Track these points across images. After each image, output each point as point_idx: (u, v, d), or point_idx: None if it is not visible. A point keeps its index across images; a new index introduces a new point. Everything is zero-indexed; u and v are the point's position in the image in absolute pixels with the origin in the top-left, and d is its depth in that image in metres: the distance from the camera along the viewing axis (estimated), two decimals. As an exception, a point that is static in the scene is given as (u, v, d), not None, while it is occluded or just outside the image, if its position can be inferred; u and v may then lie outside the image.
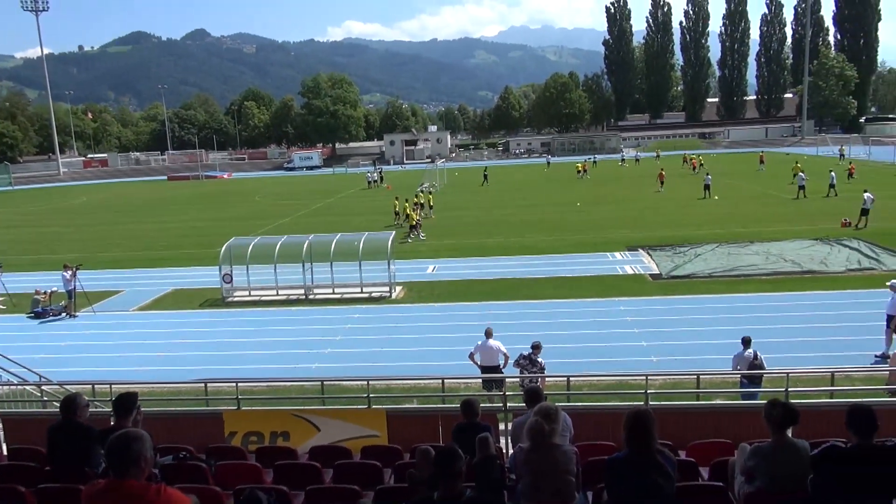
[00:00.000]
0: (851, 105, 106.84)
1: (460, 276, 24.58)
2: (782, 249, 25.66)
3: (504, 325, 17.59)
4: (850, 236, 27.54)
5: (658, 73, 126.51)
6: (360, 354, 16.65)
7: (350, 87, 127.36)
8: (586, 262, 25.87)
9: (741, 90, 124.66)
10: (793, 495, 5.18)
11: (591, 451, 7.11)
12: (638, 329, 17.31)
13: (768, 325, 16.87)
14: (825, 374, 11.68)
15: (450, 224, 37.79)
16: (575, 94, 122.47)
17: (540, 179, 65.63)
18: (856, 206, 31.04)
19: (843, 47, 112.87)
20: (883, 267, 22.29)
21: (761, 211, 36.57)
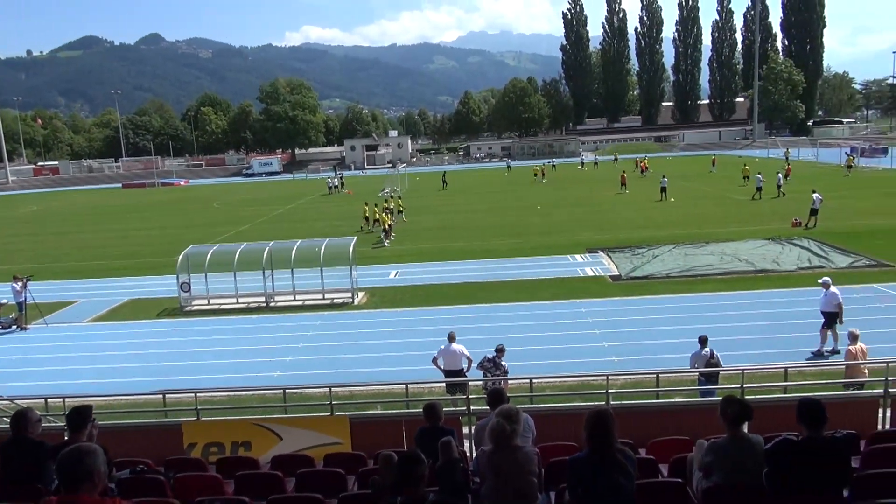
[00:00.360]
0: (799, 109, 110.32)
1: (423, 280, 24.57)
2: (736, 249, 26.29)
3: (467, 328, 17.63)
4: (800, 236, 28.36)
5: (615, 78, 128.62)
6: (323, 361, 16.50)
7: (309, 93, 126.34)
8: (547, 264, 26.11)
9: (695, 94, 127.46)
10: (749, 489, 5.30)
11: (553, 451, 7.18)
12: (599, 330, 17.54)
13: (724, 323, 17.26)
14: (779, 370, 12.01)
15: (412, 229, 37.75)
16: (534, 99, 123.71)
17: (501, 183, 66.05)
18: (805, 207, 32.00)
19: (791, 53, 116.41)
20: (832, 265, 23.01)
21: (716, 212, 37.42)
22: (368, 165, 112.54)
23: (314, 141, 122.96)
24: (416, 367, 14.82)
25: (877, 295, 19.27)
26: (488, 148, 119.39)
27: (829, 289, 15.14)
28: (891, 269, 22.13)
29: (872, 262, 23.10)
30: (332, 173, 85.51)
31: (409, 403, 10.47)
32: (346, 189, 67.38)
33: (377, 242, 33.33)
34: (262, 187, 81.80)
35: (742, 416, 5.47)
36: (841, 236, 27.83)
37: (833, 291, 15.07)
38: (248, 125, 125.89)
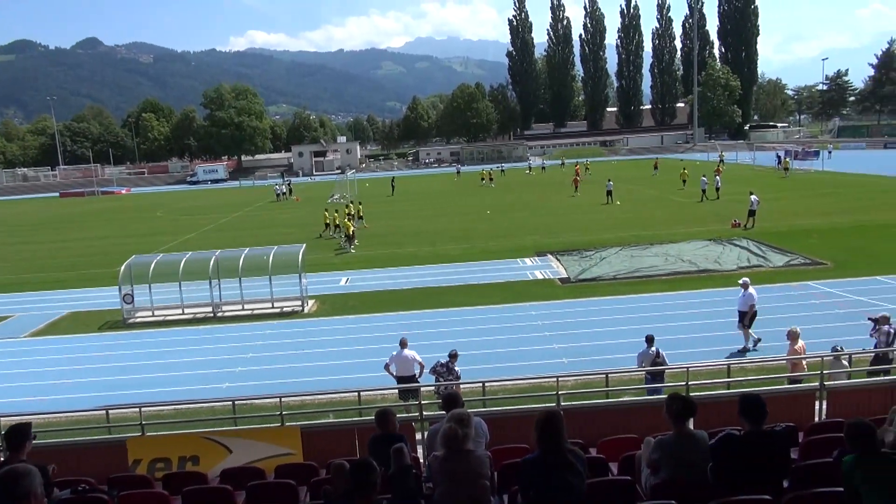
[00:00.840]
0: (736, 113, 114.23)
1: (374, 286, 24.46)
2: (680, 250, 27.01)
3: (419, 334, 17.63)
4: (739, 236, 29.32)
5: (560, 84, 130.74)
6: (273, 371, 16.24)
7: (255, 98, 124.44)
8: (498, 268, 26.31)
9: (638, 100, 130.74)
10: (694, 483, 5.45)
11: (506, 454, 7.23)
12: (549, 332, 17.76)
13: (669, 322, 17.70)
14: (722, 366, 12.39)
15: (361, 235, 37.53)
16: (482, 105, 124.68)
17: (451, 188, 66.30)
18: (743, 208, 33.11)
19: (728, 60, 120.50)
20: (769, 264, 23.86)
21: (659, 214, 38.37)
22: (317, 172, 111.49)
23: (261, 147, 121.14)
24: (369, 374, 14.75)
25: (811, 292, 20.05)
26: (437, 153, 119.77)
27: (747, 289, 15.65)
28: (825, 266, 23.07)
29: (807, 260, 24.05)
30: (280, 180, 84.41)
31: (362, 411, 10.40)
32: (295, 196, 66.61)
33: (339, 249, 33.14)
34: (208, 195, 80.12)
35: (686, 412, 5.62)
36: (777, 236, 28.89)
37: (751, 292, 15.60)
38: (192, 131, 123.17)
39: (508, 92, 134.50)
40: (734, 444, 5.40)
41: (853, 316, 17.26)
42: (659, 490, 5.54)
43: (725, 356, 14.99)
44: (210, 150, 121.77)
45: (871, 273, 21.70)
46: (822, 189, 45.75)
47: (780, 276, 22.12)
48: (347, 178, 65.33)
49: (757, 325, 16.91)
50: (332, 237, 36.93)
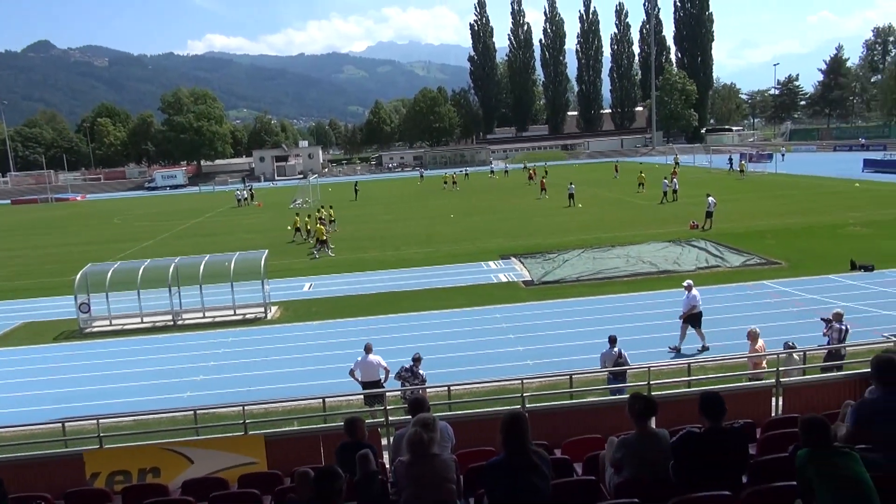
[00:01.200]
0: (693, 117, 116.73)
1: (338, 292, 24.29)
2: (640, 252, 27.44)
3: (384, 339, 17.58)
4: (697, 237, 29.93)
5: (522, 88, 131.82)
6: (236, 379, 16.01)
7: (214, 103, 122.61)
8: (462, 272, 26.38)
9: (597, 104, 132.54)
10: (657, 481, 5.54)
11: (472, 457, 7.24)
12: (514, 335, 17.86)
13: (631, 323, 17.96)
14: (682, 365, 12.60)
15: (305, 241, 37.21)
16: (444, 109, 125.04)
17: (414, 192, 66.28)
18: (701, 210, 33.81)
19: (684, 65, 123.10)
20: (727, 264, 24.40)
21: (620, 216, 38.94)
22: (279, 177, 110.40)
23: (221, 152, 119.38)
24: (333, 381, 14.65)
25: (767, 291, 20.56)
26: (400, 157, 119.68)
27: (691, 291, 15.91)
28: (780, 266, 23.69)
29: (763, 260, 24.66)
30: (242, 185, 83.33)
31: (327, 418, 10.31)
32: (256, 201, 65.84)
33: (312, 253, 32.83)
34: (167, 201, 78.63)
35: (647, 411, 5.71)
36: (734, 237, 29.57)
37: (694, 294, 15.87)
38: (150, 136, 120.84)
39: (471, 96, 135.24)
40: (694, 441, 5.50)
41: (807, 314, 17.76)
42: (622, 489, 5.61)
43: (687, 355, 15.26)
44: (168, 155, 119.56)
45: (822, 272, 22.35)
46: (776, 191, 46.98)
47: (737, 276, 22.64)
48: (310, 182, 64.82)
49: (715, 323, 17.29)
50: (303, 241, 36.74)
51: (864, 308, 18.00)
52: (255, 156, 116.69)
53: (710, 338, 16.23)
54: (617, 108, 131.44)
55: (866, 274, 21.74)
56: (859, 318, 16.59)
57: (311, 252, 32.98)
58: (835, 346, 12.34)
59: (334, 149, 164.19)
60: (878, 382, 5.44)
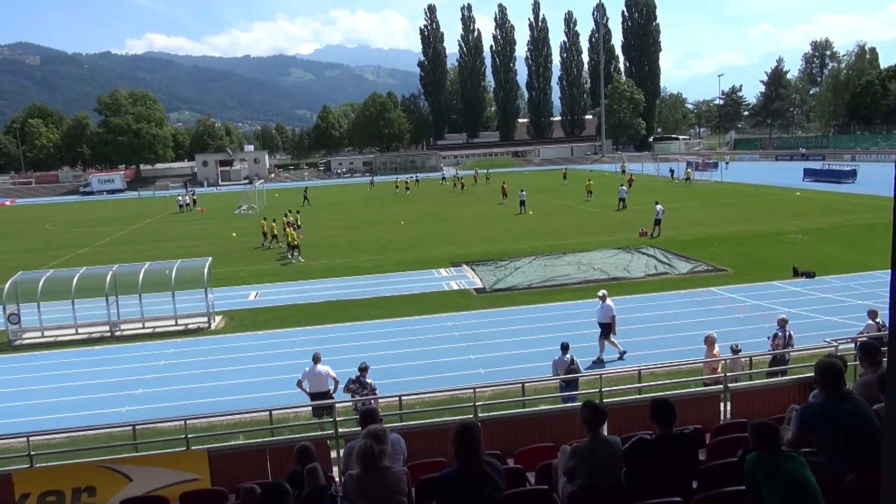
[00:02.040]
0: (641, 126, 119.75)
1: (285, 300, 23.94)
2: (591, 259, 27.91)
3: (333, 349, 17.40)
4: (646, 244, 30.61)
5: (472, 94, 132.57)
6: (178, 393, 15.58)
7: (155, 104, 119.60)
8: (413, 279, 26.34)
9: (548, 111, 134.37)
10: (610, 489, 5.60)
11: (424, 468, 7.20)
12: (465, 343, 17.90)
13: (583, 329, 18.20)
14: (633, 372, 12.82)
15: (271, 247, 36.70)
16: (394, 114, 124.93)
17: (364, 199, 65.96)
18: (650, 217, 34.60)
19: (632, 74, 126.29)
20: (675, 271, 25.01)
21: (570, 224, 39.54)
22: (223, 182, 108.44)
23: (162, 156, 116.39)
24: (281, 392, 14.42)
25: (715, 298, 21.16)
26: (350, 163, 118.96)
27: (605, 301, 16.23)
28: (726, 273, 24.41)
29: (710, 267, 25.37)
30: (183, 190, 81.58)
31: (273, 431, 10.12)
32: (199, 207, 64.49)
33: (283, 259, 32.60)
34: (104, 206, 76.23)
35: (597, 419, 5.77)
36: (682, 244, 30.36)
37: (608, 304, 16.20)
38: (86, 139, 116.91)
39: (421, 101, 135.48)
40: (646, 448, 5.59)
41: (753, 320, 18.35)
42: (575, 497, 5.66)
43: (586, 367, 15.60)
44: (105, 158, 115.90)
45: (766, 278, 23.13)
46: (721, 199, 48.48)
47: (685, 283, 23.23)
48: (255, 188, 63.83)
49: (664, 329, 17.71)
50: (269, 248, 36.40)
51: (807, 314, 18.69)
52: (197, 160, 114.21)
53: (661, 344, 16.59)
54: (567, 116, 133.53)
55: (808, 280, 22.60)
56: (802, 324, 17.22)
57: (286, 257, 32.83)
58: (780, 351, 12.75)
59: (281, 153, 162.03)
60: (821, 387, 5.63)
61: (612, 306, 16.17)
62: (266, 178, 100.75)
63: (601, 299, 16.28)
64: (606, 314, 16.06)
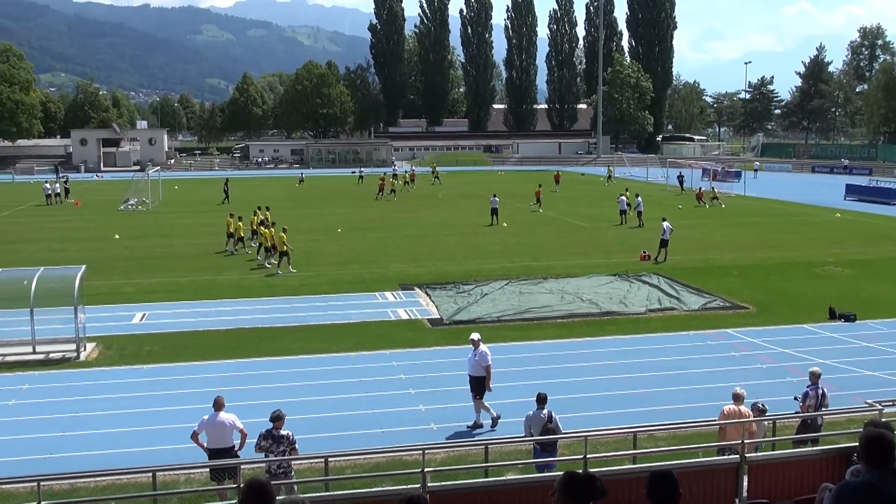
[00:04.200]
0: (648, 121, 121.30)
1: (180, 325, 23.55)
2: (579, 287, 28.11)
3: (240, 391, 17.16)
4: (649, 271, 31.02)
5: (435, 71, 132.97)
6: (32, 443, 15.14)
7: (20, 62, 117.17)
8: (350, 304, 26.18)
9: (531, 97, 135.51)
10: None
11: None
12: (414, 389, 17.80)
13: (565, 377, 18.29)
14: (627, 434, 12.91)
15: (163, 256, 36.15)
16: (335, 90, 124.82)
17: (291, 198, 65.56)
18: (654, 236, 35.12)
19: (639, 55, 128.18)
20: (683, 306, 25.37)
21: (554, 240, 39.87)
22: (106, 167, 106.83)
23: (26, 130, 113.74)
24: (169, 447, 14.16)
25: (732, 342, 21.51)
26: (274, 151, 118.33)
27: (478, 347, 15.74)
28: (746, 311, 24.86)
29: (727, 303, 25.81)
30: (53, 176, 79.92)
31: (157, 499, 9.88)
32: (73, 199, 63.26)
33: (259, 267, 32.89)
34: (-56, 192, 74.24)
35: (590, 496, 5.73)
36: (693, 272, 30.85)
37: (483, 350, 15.75)
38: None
39: (370, 76, 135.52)
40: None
41: (778, 372, 18.69)
42: None
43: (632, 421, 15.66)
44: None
45: (796, 320, 23.63)
46: (744, 217, 49.53)
47: (695, 322, 23.57)
48: (149, 177, 62.87)
49: (666, 381, 17.90)
50: (234, 252, 36.52)
51: (846, 366, 19.11)
52: (73, 137, 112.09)
53: (663, 398, 16.75)
54: (555, 104, 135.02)
55: (848, 324, 23.16)
56: (840, 380, 17.59)
57: (262, 263, 33.34)
58: (811, 413, 12.96)
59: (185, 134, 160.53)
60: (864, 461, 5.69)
61: (487, 354, 15.71)
62: (163, 165, 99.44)
63: (474, 345, 15.78)
64: (480, 363, 15.54)
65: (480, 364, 15.58)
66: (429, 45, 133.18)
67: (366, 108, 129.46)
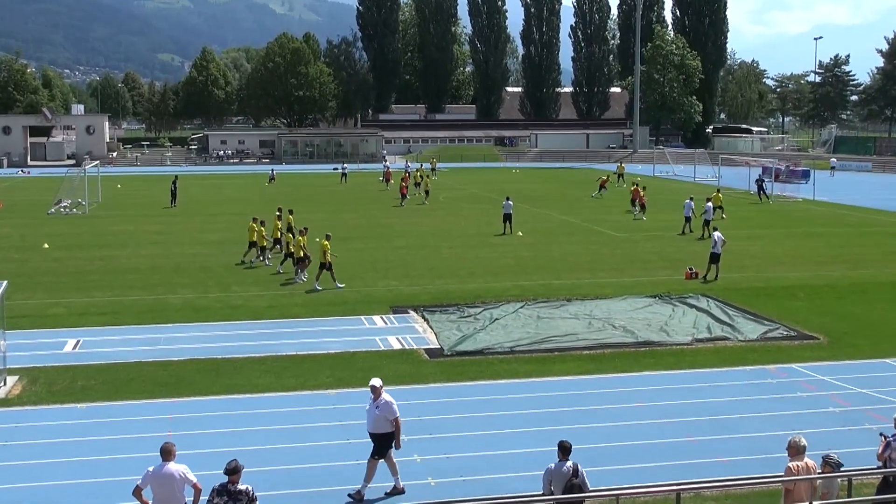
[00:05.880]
0: (696, 108, 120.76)
1: (122, 356, 23.49)
2: (610, 311, 28.00)
3: (194, 437, 17.14)
4: (697, 292, 30.89)
5: (437, 45, 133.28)
6: (-64, 498, 15.08)
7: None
8: (330, 330, 26.16)
9: (552, 78, 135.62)
10: None
11: None
12: (407, 436, 17.66)
13: (592, 421, 18.17)
14: (668, 492, 12.81)
15: (102, 270, 36.11)
16: (314, 69, 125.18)
17: (259, 199, 65.61)
18: (702, 249, 34.99)
19: (684, 29, 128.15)
20: (738, 336, 25.20)
21: (580, 253, 39.89)
22: (34, 161, 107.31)
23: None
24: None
25: (797, 380, 21.38)
26: (239, 142, 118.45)
27: (380, 397, 15.26)
28: (816, 342, 24.73)
29: (792, 332, 25.70)
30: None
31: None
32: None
33: (289, 280, 33.63)
34: None
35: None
36: (750, 293, 30.75)
37: (387, 400, 15.21)
38: None
39: (357, 52, 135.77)
40: None
41: (855, 417, 18.54)
42: None
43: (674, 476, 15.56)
44: None
45: (878, 354, 23.50)
46: (812, 226, 49.47)
47: (752, 355, 23.42)
48: (85, 173, 62.90)
49: (716, 427, 17.77)
50: (268, 263, 37.07)
51: (937, 410, 18.98)
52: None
53: (711, 449, 16.62)
54: (582, 88, 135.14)
55: (940, 359, 23.02)
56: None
57: (290, 280, 33.81)
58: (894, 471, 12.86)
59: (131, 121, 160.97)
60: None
61: (393, 403, 15.21)
62: (104, 160, 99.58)
63: (374, 393, 15.26)
64: (386, 417, 15.10)
65: (386, 417, 15.14)
66: (429, 15, 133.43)
67: (351, 90, 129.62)
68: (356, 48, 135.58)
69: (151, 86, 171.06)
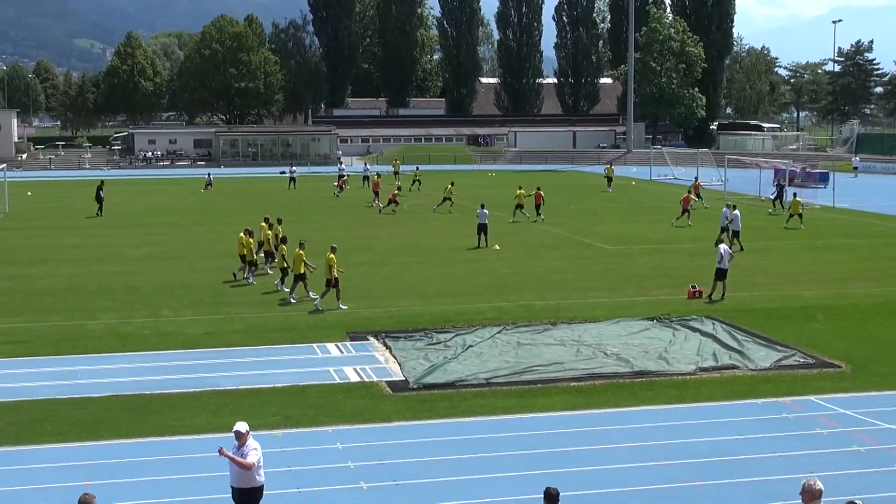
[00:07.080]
0: (698, 102, 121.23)
1: (32, 392, 23.32)
2: (601, 336, 28.05)
3: (117, 486, 17.01)
4: (700, 313, 31.03)
5: (400, 29, 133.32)
6: None
7: None
8: (275, 360, 26.08)
9: (533, 67, 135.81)
10: None
11: None
12: (367, 483, 17.63)
13: (581, 464, 18.16)
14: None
15: (9, 291, 35.86)
16: (257, 57, 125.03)
17: (191, 208, 65.31)
18: (708, 265, 35.15)
19: (685, 11, 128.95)
20: (748, 364, 25.26)
21: (567, 270, 39.99)
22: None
23: None
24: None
25: (815, 415, 21.48)
26: (170, 142, 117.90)
27: (247, 442, 15.33)
28: (836, 371, 24.83)
29: (809, 359, 25.78)
30: None
31: None
32: None
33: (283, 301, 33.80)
34: None
35: None
36: (762, 315, 30.91)
37: (253, 446, 15.30)
38: None
39: (307, 38, 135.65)
40: None
41: (883, 457, 18.63)
42: None
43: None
44: None
45: (907, 383, 23.68)
46: (832, 237, 49.90)
47: (764, 386, 23.50)
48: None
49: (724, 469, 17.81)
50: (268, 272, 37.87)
51: (975, 448, 19.11)
52: None
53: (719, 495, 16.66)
54: (567, 78, 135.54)
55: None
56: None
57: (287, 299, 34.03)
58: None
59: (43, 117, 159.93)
60: None
61: (258, 450, 15.28)
62: (11, 162, 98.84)
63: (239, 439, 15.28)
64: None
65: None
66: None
67: (301, 81, 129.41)
68: (306, 33, 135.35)
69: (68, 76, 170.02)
